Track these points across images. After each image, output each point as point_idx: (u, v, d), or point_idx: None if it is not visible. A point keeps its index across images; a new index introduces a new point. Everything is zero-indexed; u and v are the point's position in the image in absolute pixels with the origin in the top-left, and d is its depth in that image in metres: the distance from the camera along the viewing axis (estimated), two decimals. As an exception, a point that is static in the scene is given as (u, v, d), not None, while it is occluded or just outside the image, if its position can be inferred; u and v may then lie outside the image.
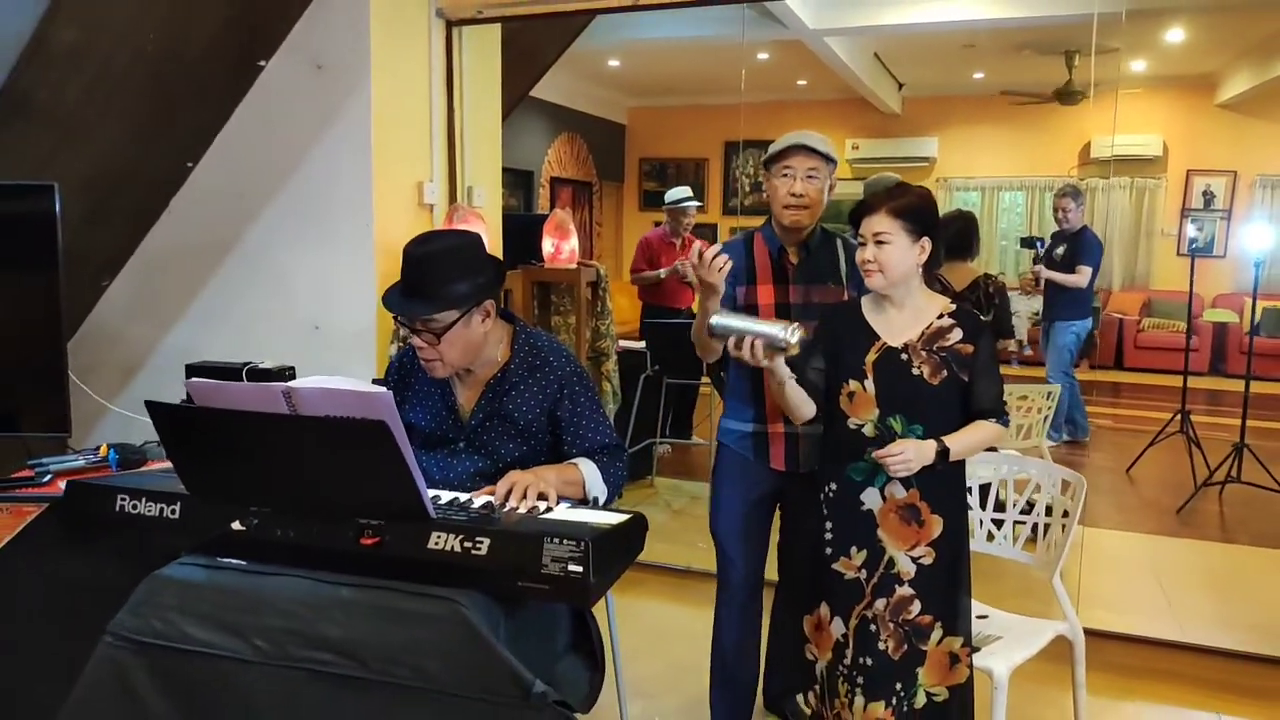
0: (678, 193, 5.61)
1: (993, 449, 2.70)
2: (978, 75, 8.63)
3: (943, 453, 1.98)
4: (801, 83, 9.09)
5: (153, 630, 1.59)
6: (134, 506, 1.71)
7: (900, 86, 9.38)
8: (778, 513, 2.60)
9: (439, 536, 1.54)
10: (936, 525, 2.05)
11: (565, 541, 1.49)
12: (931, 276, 2.11)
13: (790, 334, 1.97)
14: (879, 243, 2.00)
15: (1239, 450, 4.81)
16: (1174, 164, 8.94)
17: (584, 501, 1.99)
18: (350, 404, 1.45)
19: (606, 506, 2.01)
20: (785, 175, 2.38)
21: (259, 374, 3.24)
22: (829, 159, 2.38)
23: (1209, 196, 8.97)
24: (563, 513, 1.74)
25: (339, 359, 3.44)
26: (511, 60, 4.38)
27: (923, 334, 2.05)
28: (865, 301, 2.13)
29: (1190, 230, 7.90)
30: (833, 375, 2.10)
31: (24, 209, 2.52)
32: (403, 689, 1.50)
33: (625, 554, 1.67)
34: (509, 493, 1.80)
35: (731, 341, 2.03)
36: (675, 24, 6.70)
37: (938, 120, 9.61)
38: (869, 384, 2.04)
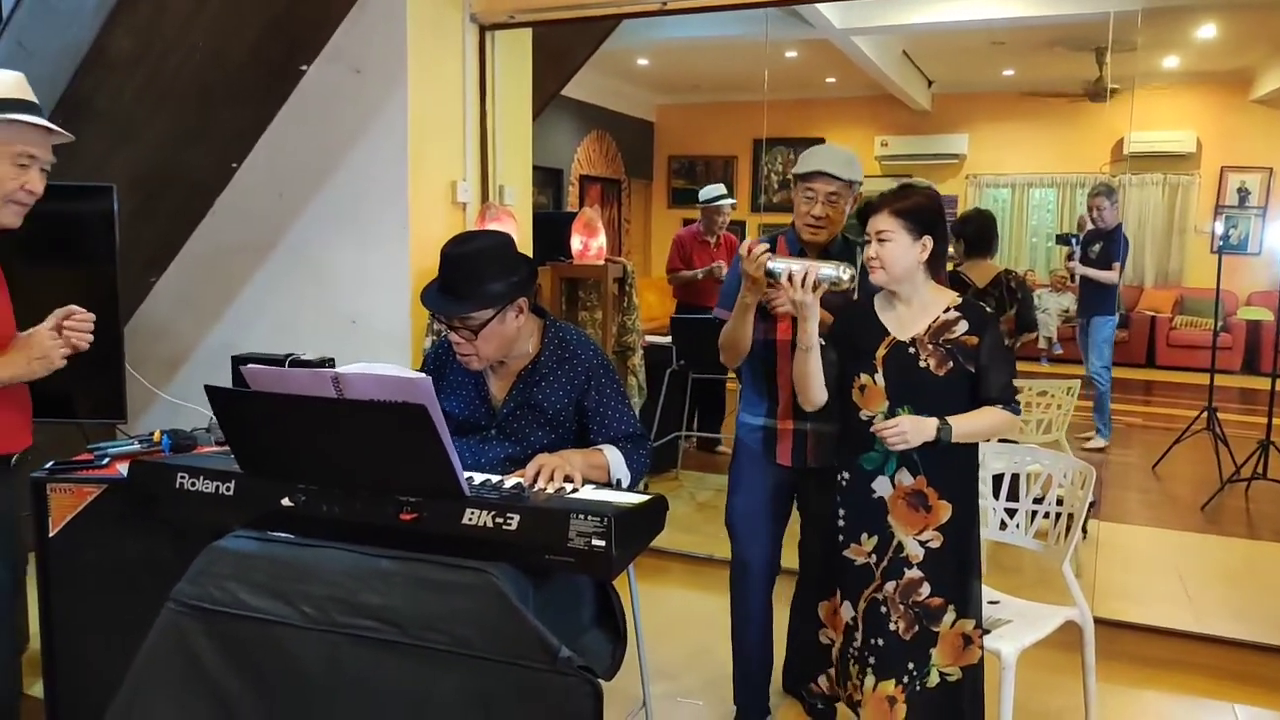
0: (712, 191, 5.62)
1: (1010, 441, 2.79)
2: (1007, 72, 8.62)
3: (944, 430, 2.07)
4: (830, 80, 9.13)
5: (211, 597, 1.72)
6: (193, 484, 1.84)
7: (930, 83, 9.38)
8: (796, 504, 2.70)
9: (473, 513, 1.66)
10: (944, 511, 2.14)
11: (590, 518, 1.60)
12: (939, 270, 2.19)
13: (844, 271, 2.10)
14: (881, 240, 2.10)
15: (1265, 447, 4.81)
16: (1207, 160, 8.86)
17: (608, 484, 2.10)
18: (393, 389, 1.57)
19: (630, 490, 2.12)
20: (808, 197, 2.47)
21: (300, 365, 3.39)
22: (852, 182, 2.47)
23: (1244, 193, 8.89)
24: (588, 493, 1.84)
25: (374, 352, 3.58)
26: (542, 61, 4.50)
27: (929, 328, 2.15)
28: (877, 299, 2.23)
29: (1219, 228, 7.84)
30: (846, 369, 2.19)
31: (85, 208, 2.68)
32: (438, 653, 1.61)
33: (646, 531, 1.78)
34: (538, 474, 1.91)
35: (784, 275, 2.14)
36: (703, 24, 6.77)
37: (968, 117, 9.59)
38: (879, 377, 2.14)
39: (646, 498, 1.80)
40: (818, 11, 5.78)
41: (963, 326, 2.14)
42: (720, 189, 5.62)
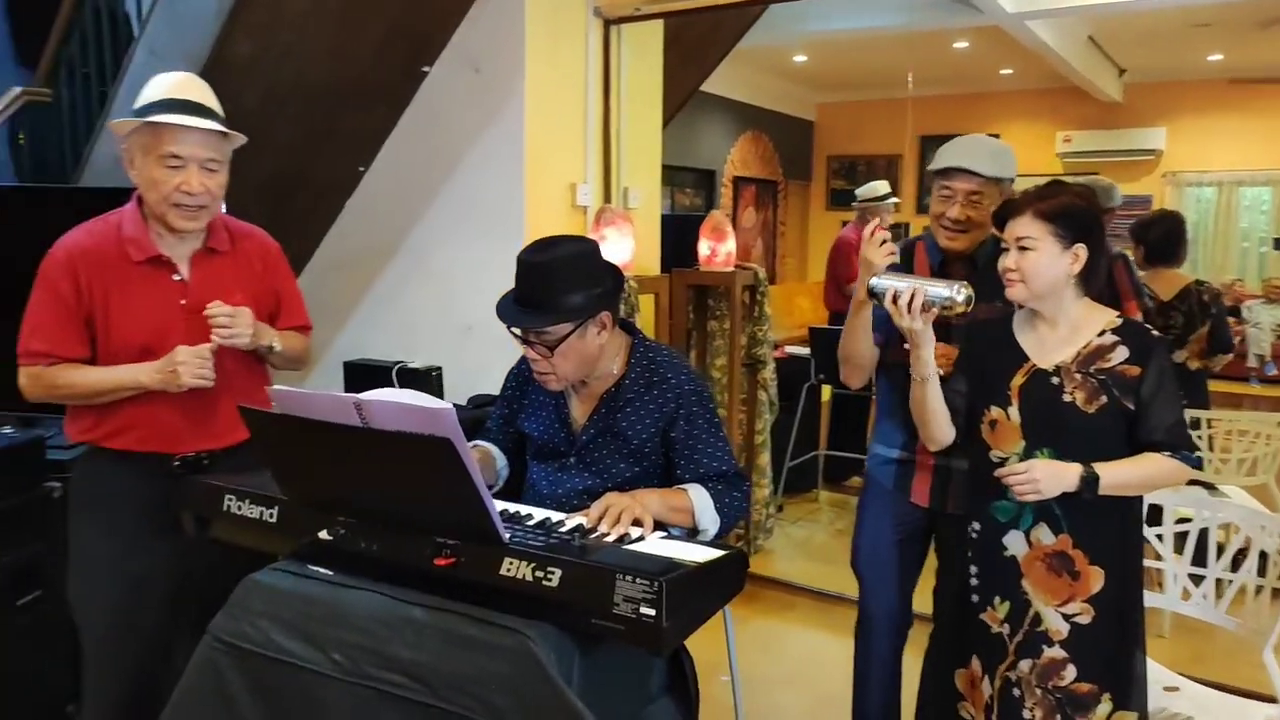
0: (872, 189, 5.15)
1: (1203, 484, 2.32)
2: (1213, 57, 7.68)
3: (1089, 480, 1.68)
4: (1006, 71, 8.45)
5: (245, 635, 1.60)
6: (239, 507, 1.73)
7: (1121, 72, 8.51)
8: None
9: (511, 563, 1.45)
10: (1095, 579, 1.75)
11: (639, 580, 1.35)
12: (1093, 285, 1.80)
13: (957, 291, 1.75)
14: (1022, 249, 1.74)
15: None
16: None
17: (694, 531, 1.84)
18: (417, 420, 1.39)
19: (718, 539, 1.86)
20: (944, 196, 2.14)
21: (408, 373, 3.32)
22: (999, 179, 2.11)
23: None
24: (654, 543, 1.60)
25: (487, 359, 3.45)
26: (678, 57, 4.28)
27: (1079, 354, 1.77)
28: (1016, 317, 1.86)
29: None
30: (975, 400, 1.84)
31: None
32: (469, 722, 1.42)
33: (714, 596, 1.52)
34: (602, 516, 1.68)
35: (889, 295, 1.82)
36: (863, 15, 6.38)
37: (1165, 108, 8.65)
38: (1013, 411, 1.78)
39: (716, 554, 1.53)
40: (986, -5, 5.27)
41: (1121, 354, 1.75)
42: (882, 186, 5.13)
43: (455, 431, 1.36)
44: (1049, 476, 1.69)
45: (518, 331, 1.90)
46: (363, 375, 3.43)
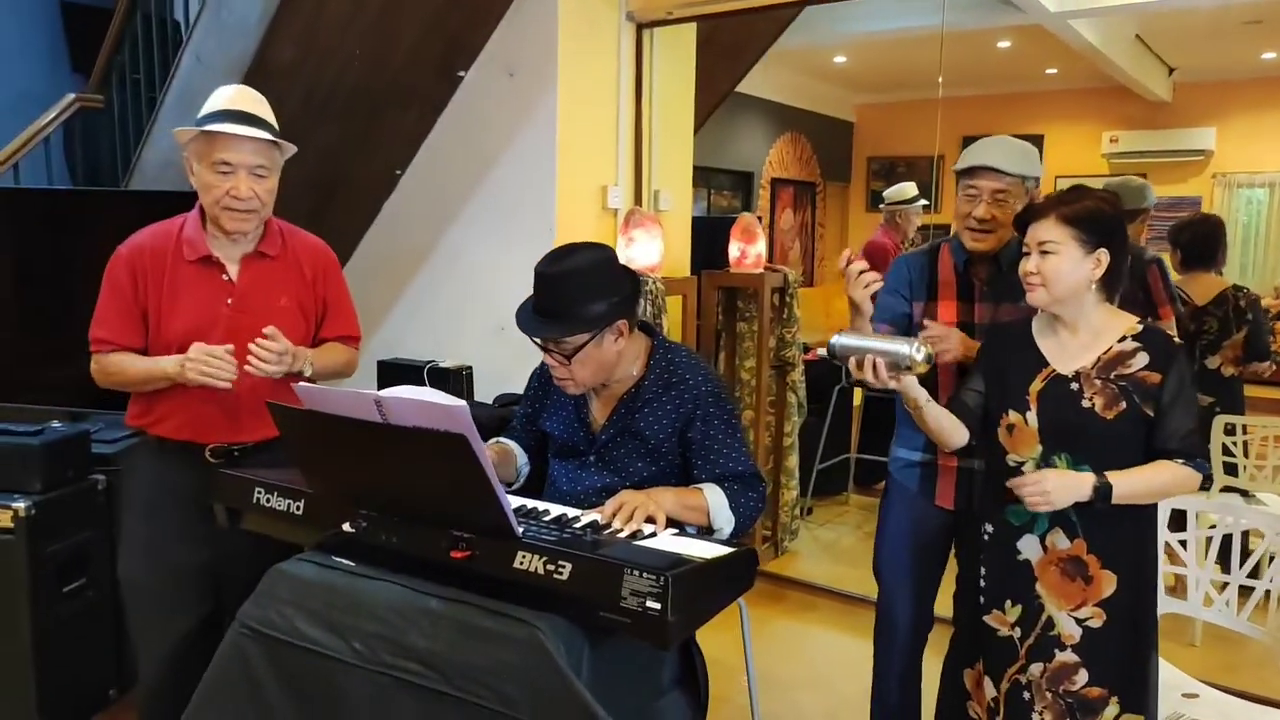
0: (899, 190, 5.01)
1: (1237, 491, 2.30)
2: (1268, 55, 7.50)
3: (1102, 490, 1.68)
4: (1051, 71, 8.33)
5: (271, 622, 1.66)
6: (268, 500, 1.80)
7: (1170, 71, 8.34)
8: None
9: (524, 556, 1.49)
10: (1108, 583, 1.75)
11: (645, 575, 1.39)
12: (1115, 290, 1.79)
13: (915, 350, 1.74)
14: (1044, 253, 1.73)
15: None
16: None
17: (709, 530, 1.87)
18: (433, 416, 1.44)
19: (736, 539, 1.88)
20: (969, 196, 2.14)
21: (439, 373, 3.39)
22: (1024, 178, 2.11)
23: None
24: (665, 540, 1.63)
25: (518, 359, 3.51)
26: (713, 59, 4.30)
27: (1099, 360, 1.76)
28: (1036, 321, 1.86)
29: None
30: (993, 403, 1.84)
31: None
32: (483, 710, 1.46)
33: (722, 592, 1.55)
34: (617, 512, 1.72)
35: (852, 362, 1.83)
36: (903, 15, 6.34)
37: (1216, 108, 8.45)
38: (1031, 416, 1.78)
39: (726, 551, 1.56)
40: (1027, -6, 5.21)
41: (1142, 360, 1.74)
42: (910, 188, 4.99)
43: (469, 427, 1.41)
44: (1060, 488, 1.68)
45: (538, 340, 1.94)
46: (395, 374, 3.51)
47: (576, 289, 1.87)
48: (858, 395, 5.02)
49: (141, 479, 2.22)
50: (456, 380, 3.32)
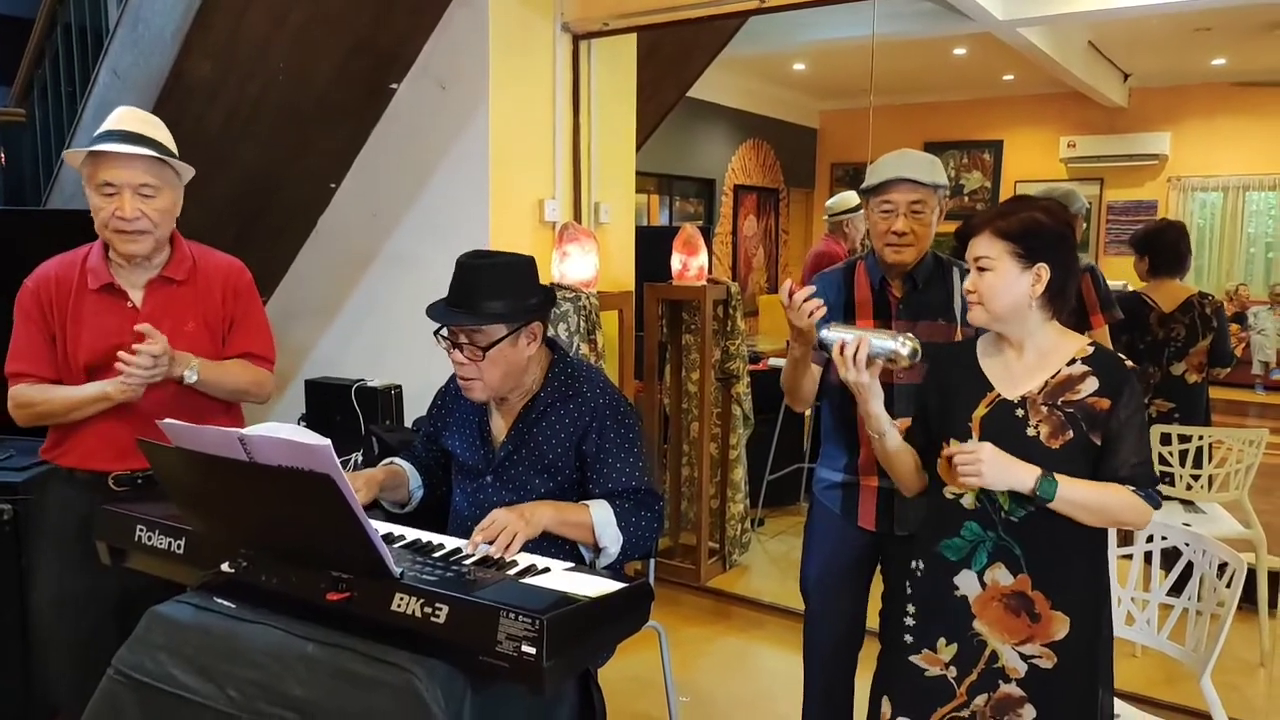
0: (841, 200, 4.79)
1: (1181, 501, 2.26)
2: (1217, 61, 7.57)
3: (1044, 485, 1.58)
4: (1008, 78, 8.37)
5: (145, 668, 1.59)
6: (149, 538, 1.72)
7: (1125, 77, 8.41)
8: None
9: (401, 599, 1.43)
10: (1059, 625, 1.65)
11: (521, 617, 1.33)
12: (1061, 309, 1.70)
13: (902, 344, 1.70)
14: (980, 269, 1.66)
15: None
16: None
17: (597, 550, 1.83)
18: (296, 455, 1.37)
19: (628, 560, 1.83)
20: (885, 211, 2.11)
21: (367, 392, 3.31)
22: (936, 187, 2.09)
23: None
24: (556, 575, 1.57)
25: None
26: (660, 68, 4.26)
27: (1046, 384, 1.67)
28: (981, 343, 1.77)
29: None
30: (934, 428, 1.76)
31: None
32: (358, 760, 1.40)
33: (610, 632, 1.49)
34: (492, 535, 1.67)
35: (836, 348, 1.77)
36: (857, 24, 6.31)
37: (1170, 113, 8.53)
38: (973, 444, 1.66)
39: (617, 587, 1.50)
40: (975, 3, 5.20)
41: (1091, 385, 1.65)
42: (851, 197, 4.71)
43: (335, 468, 1.34)
44: (995, 465, 1.58)
45: (446, 334, 1.89)
46: (321, 394, 3.43)
47: (499, 283, 1.84)
48: (809, 405, 4.98)
49: (51, 508, 2.19)
50: (385, 400, 3.24)
